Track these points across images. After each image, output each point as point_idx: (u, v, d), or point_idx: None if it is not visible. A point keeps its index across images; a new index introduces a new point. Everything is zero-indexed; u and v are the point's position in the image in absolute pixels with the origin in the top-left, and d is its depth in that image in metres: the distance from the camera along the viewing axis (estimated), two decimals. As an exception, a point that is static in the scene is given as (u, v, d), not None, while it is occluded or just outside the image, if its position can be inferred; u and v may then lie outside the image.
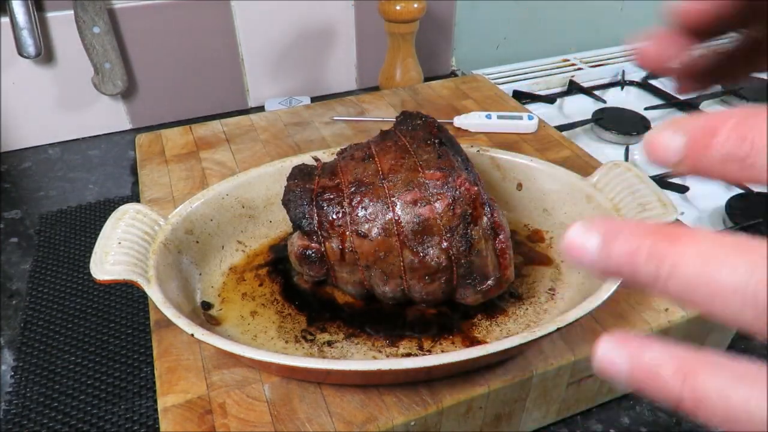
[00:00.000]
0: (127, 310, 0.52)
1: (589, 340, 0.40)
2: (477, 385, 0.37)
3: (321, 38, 0.85)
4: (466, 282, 0.40)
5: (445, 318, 0.43)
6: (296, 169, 0.44)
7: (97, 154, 0.76)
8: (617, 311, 0.42)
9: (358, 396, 0.37)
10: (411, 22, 0.77)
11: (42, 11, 0.70)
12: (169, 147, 0.62)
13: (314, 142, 0.63)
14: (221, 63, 0.81)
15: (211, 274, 0.46)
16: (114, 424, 0.43)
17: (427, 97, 0.73)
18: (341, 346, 0.41)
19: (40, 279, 0.55)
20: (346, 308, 0.44)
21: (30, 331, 0.50)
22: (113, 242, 0.39)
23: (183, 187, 0.56)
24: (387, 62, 0.81)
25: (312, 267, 0.41)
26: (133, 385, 0.46)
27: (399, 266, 0.39)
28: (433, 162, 0.39)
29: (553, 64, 0.96)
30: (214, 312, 0.43)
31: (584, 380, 0.41)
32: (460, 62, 0.98)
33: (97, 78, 0.73)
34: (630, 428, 0.43)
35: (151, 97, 0.80)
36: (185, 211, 0.44)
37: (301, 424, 0.35)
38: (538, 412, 0.41)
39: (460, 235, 0.38)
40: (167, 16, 0.75)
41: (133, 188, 0.69)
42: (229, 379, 0.38)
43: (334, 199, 0.40)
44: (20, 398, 0.45)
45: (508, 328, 0.42)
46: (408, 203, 0.38)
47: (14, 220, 0.64)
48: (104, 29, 0.70)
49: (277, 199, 0.49)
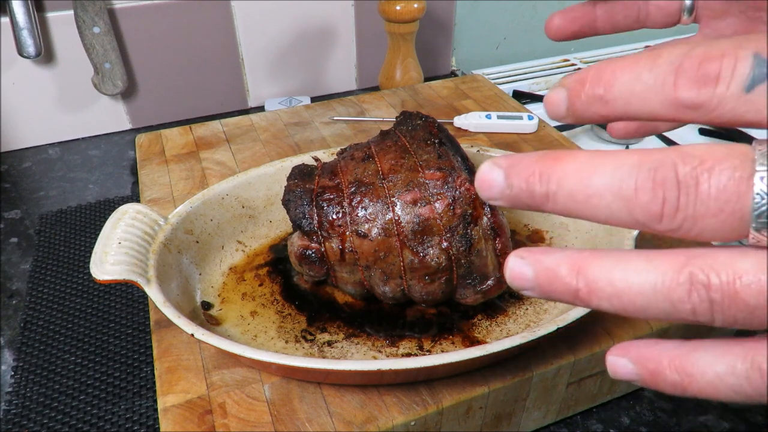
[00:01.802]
0: (127, 310, 0.52)
1: (589, 340, 0.40)
2: (477, 385, 0.37)
3: (321, 38, 0.85)
4: (466, 282, 0.40)
5: (445, 318, 0.43)
6: (296, 169, 0.44)
7: (97, 154, 0.76)
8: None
9: (358, 396, 0.37)
10: (411, 22, 0.77)
11: (42, 11, 0.70)
12: (169, 147, 0.62)
13: (314, 142, 0.63)
14: (221, 63, 0.81)
15: (211, 274, 0.46)
16: (114, 424, 0.43)
17: (427, 97, 0.73)
18: (341, 346, 0.41)
19: (40, 279, 0.55)
20: (346, 308, 0.44)
21: (30, 331, 0.50)
22: (113, 242, 0.38)
23: (183, 187, 0.56)
24: (387, 62, 0.81)
25: (312, 267, 0.41)
26: (133, 385, 0.46)
27: (399, 266, 0.39)
28: (433, 162, 0.39)
29: (553, 64, 0.96)
30: (214, 312, 0.43)
31: (584, 380, 0.41)
32: (460, 62, 0.98)
33: (97, 78, 0.73)
34: (630, 428, 0.43)
35: (151, 97, 0.80)
36: (185, 211, 0.44)
37: (301, 424, 0.35)
38: (538, 412, 0.41)
39: (460, 235, 0.38)
40: (167, 16, 0.75)
41: (133, 188, 0.69)
42: (229, 379, 0.38)
43: (334, 199, 0.40)
44: (20, 398, 0.45)
45: (508, 328, 0.42)
46: (408, 203, 0.38)
47: (14, 220, 0.64)
48: (104, 29, 0.70)
49: (277, 199, 0.49)
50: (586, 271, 0.17)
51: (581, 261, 0.17)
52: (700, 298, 0.15)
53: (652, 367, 0.17)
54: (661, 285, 0.16)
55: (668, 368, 0.17)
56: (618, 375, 0.18)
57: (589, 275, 0.17)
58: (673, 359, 0.17)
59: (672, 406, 0.44)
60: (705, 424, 0.43)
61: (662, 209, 0.15)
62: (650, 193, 0.15)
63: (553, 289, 0.17)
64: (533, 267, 0.18)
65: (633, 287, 0.16)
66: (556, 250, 0.18)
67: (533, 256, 0.18)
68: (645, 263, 0.16)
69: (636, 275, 0.16)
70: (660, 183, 0.15)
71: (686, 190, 0.15)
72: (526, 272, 0.18)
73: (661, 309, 0.16)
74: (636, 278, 0.16)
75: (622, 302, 0.16)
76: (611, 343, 0.40)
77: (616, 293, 0.16)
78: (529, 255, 0.18)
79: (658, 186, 0.15)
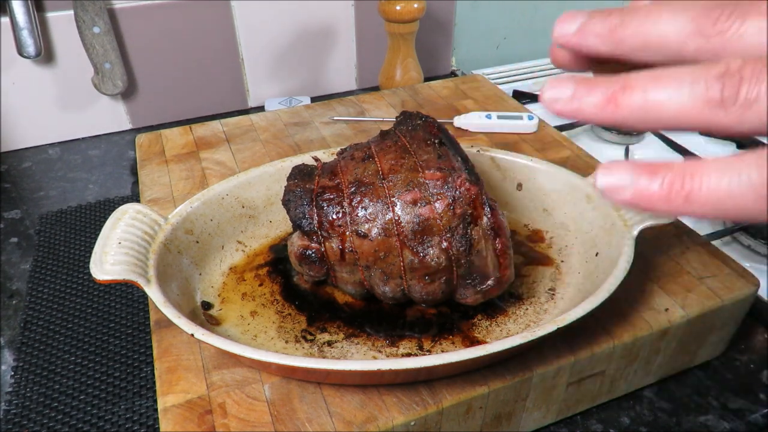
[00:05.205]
0: (127, 310, 0.52)
1: (589, 340, 0.40)
2: (477, 385, 0.37)
3: (321, 38, 0.85)
4: (466, 282, 0.40)
5: (445, 318, 0.43)
6: (296, 169, 0.44)
7: (97, 154, 0.76)
8: (617, 311, 0.42)
9: (358, 396, 0.37)
10: (411, 22, 0.77)
11: (42, 11, 0.70)
12: (169, 147, 0.62)
13: (314, 142, 0.63)
14: (221, 63, 0.81)
15: (211, 274, 0.46)
16: (114, 424, 0.43)
17: (427, 97, 0.73)
18: (341, 346, 0.41)
19: (40, 279, 0.55)
20: (346, 308, 0.44)
21: (30, 331, 0.50)
22: (113, 242, 0.38)
23: (183, 187, 0.56)
24: (387, 62, 0.81)
25: (312, 267, 0.41)
26: (133, 385, 0.46)
27: (399, 266, 0.39)
28: (433, 162, 0.39)
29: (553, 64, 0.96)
30: (214, 312, 0.43)
31: (584, 380, 0.41)
32: (460, 62, 0.98)
33: (97, 78, 0.73)
34: (630, 428, 0.43)
35: (151, 97, 0.80)
36: (185, 211, 0.44)
37: (301, 424, 0.35)
38: (538, 412, 0.41)
39: (460, 235, 0.38)
40: (167, 16, 0.75)
41: (133, 188, 0.69)
42: (229, 379, 0.38)
43: (334, 199, 0.40)
44: (20, 398, 0.45)
45: (508, 328, 0.42)
46: (408, 203, 0.38)
47: (14, 220, 0.64)
48: (104, 29, 0.70)
49: (277, 199, 0.49)
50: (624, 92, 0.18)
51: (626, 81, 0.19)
52: (730, 76, 0.17)
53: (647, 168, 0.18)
54: (699, 69, 0.17)
55: (670, 167, 0.18)
56: (607, 179, 0.19)
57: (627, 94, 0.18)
58: (674, 163, 0.18)
59: (672, 406, 0.44)
60: (705, 424, 0.43)
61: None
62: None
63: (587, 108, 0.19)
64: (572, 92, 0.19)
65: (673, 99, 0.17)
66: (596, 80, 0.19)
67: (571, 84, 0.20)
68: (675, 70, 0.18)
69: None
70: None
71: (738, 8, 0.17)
72: (564, 90, 0.19)
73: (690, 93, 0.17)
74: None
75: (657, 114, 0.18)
76: (611, 343, 0.40)
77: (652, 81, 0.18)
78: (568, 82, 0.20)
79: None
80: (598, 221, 0.45)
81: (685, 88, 0.17)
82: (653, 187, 0.18)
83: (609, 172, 0.19)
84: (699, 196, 0.17)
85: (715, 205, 0.17)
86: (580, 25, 0.20)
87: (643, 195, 0.18)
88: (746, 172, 0.16)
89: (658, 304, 0.43)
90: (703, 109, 0.17)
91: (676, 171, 0.18)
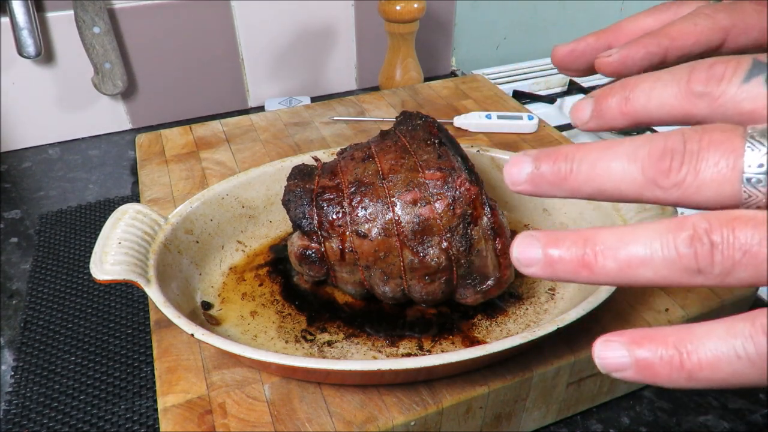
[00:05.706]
0: (127, 310, 0.52)
1: (589, 340, 0.40)
2: (477, 385, 0.37)
3: (321, 38, 0.85)
4: (466, 282, 0.40)
5: (445, 318, 0.43)
6: (296, 169, 0.44)
7: (97, 154, 0.76)
8: (617, 311, 0.42)
9: (358, 396, 0.37)
10: (411, 22, 0.77)
11: (42, 11, 0.70)
12: (169, 147, 0.62)
13: (314, 142, 0.63)
14: (221, 63, 0.81)
15: (211, 274, 0.46)
16: (114, 424, 0.43)
17: (427, 97, 0.73)
18: (341, 346, 0.41)
19: (40, 279, 0.55)
20: (346, 308, 0.44)
21: (30, 331, 0.50)
22: (113, 242, 0.39)
23: (183, 187, 0.56)
24: (387, 62, 0.81)
25: (312, 267, 0.41)
26: (133, 385, 0.46)
27: (399, 266, 0.39)
28: (433, 162, 0.39)
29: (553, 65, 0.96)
30: (214, 312, 0.43)
31: (584, 380, 0.41)
32: (460, 62, 0.98)
33: (97, 78, 0.73)
34: (630, 428, 0.43)
35: (151, 97, 0.80)
36: (185, 211, 0.44)
37: (301, 424, 0.35)
38: (538, 412, 0.41)
39: (460, 235, 0.38)
40: (167, 16, 0.75)
41: (133, 188, 0.69)
42: (229, 379, 0.38)
43: (334, 199, 0.40)
44: (20, 398, 0.45)
45: (508, 328, 0.42)
46: (408, 203, 0.38)
47: (14, 220, 0.64)
48: (104, 29, 0.70)
49: (277, 199, 0.49)
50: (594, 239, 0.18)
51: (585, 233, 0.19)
52: (701, 243, 0.16)
53: (647, 343, 0.17)
54: (665, 232, 0.17)
55: (667, 344, 0.17)
56: (607, 361, 0.18)
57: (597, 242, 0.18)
58: (670, 334, 0.17)
59: (672, 406, 0.44)
60: (705, 424, 0.43)
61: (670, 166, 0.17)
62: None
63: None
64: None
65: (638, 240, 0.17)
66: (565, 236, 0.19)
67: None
68: (645, 227, 0.18)
69: (636, 235, 0.18)
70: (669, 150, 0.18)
71: (689, 156, 0.17)
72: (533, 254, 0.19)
73: (663, 258, 0.17)
74: (638, 233, 0.17)
75: (629, 262, 0.17)
76: (611, 343, 0.40)
77: (626, 257, 0.17)
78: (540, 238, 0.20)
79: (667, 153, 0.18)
80: (598, 221, 0.45)
81: (657, 255, 0.17)
82: (654, 359, 0.17)
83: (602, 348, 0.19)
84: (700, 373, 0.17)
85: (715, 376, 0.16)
86: (529, 175, 0.20)
87: (646, 374, 0.17)
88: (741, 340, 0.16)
89: (657, 304, 0.43)
90: (682, 275, 0.17)
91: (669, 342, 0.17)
